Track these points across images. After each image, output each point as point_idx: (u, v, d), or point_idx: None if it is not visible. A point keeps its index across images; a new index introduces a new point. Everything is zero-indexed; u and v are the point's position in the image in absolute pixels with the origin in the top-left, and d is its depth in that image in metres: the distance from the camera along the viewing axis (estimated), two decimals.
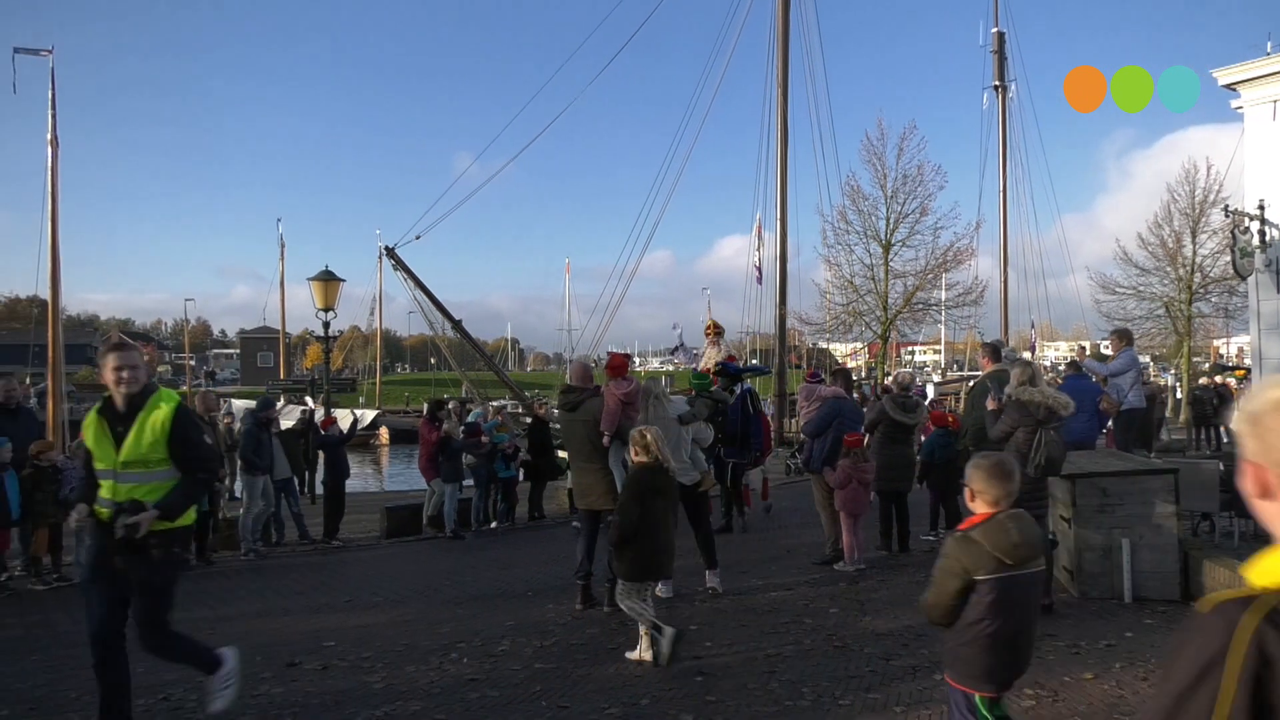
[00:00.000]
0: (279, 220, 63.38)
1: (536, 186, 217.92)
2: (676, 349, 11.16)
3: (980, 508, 3.41)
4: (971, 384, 12.46)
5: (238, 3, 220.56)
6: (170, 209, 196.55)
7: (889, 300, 27.08)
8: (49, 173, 17.65)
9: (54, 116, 17.57)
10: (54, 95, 17.55)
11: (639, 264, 21.82)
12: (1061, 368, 27.25)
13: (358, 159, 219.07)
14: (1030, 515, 3.55)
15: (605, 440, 7.15)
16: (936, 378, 56.53)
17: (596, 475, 7.18)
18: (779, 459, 23.59)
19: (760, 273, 23.58)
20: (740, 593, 7.60)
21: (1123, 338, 10.78)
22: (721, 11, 76.59)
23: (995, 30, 27.19)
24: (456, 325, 19.69)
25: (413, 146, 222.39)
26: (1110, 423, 10.14)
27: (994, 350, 9.07)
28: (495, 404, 19.42)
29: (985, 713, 3.26)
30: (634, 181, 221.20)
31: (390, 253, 18.43)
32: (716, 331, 12.36)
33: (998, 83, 27.11)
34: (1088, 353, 15.79)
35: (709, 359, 11.84)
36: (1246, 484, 1.30)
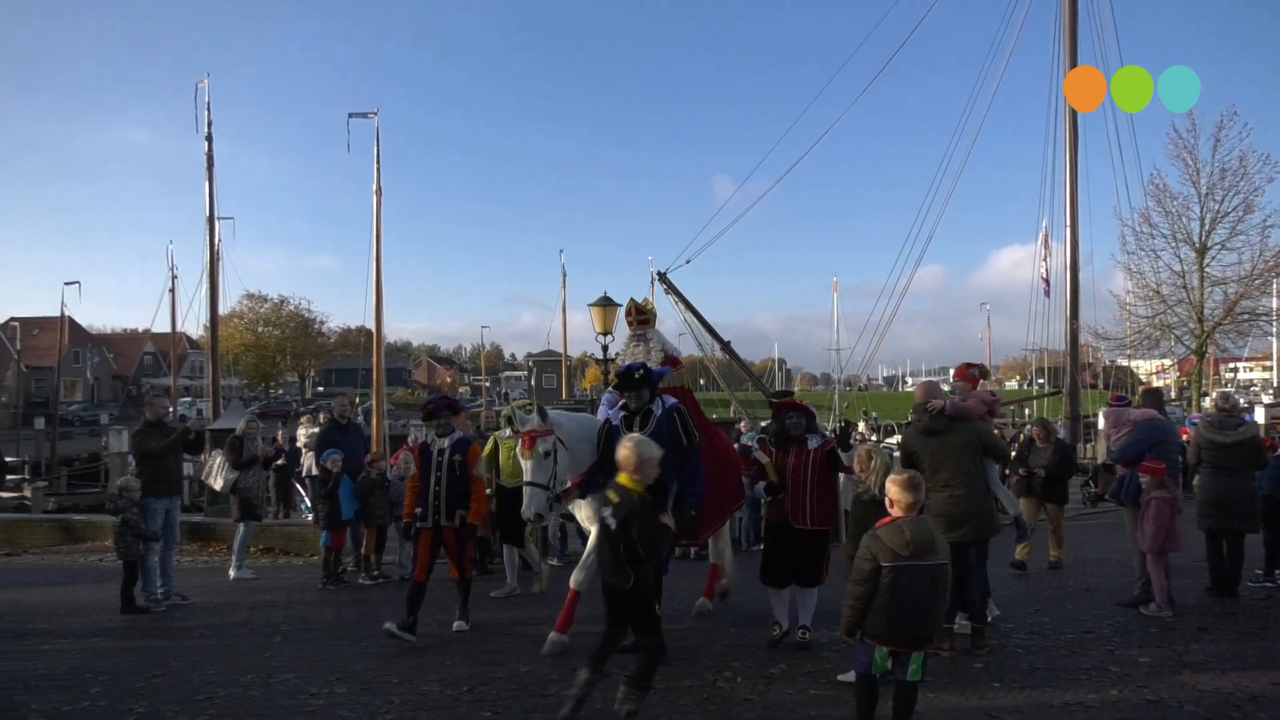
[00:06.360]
0: (561, 251, 68.52)
1: (800, 204, 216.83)
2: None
3: (896, 512, 4.43)
4: None
5: (510, 45, 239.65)
6: (465, 243, 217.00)
7: (1205, 311, 23.99)
8: (374, 219, 20.34)
9: (379, 170, 20.28)
10: (379, 151, 20.25)
11: (910, 280, 21.08)
12: None
13: (627, 185, 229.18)
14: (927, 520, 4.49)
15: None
16: (1266, 398, 49.06)
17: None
18: (1069, 487, 21.48)
19: (1048, 284, 21.94)
20: (1033, 631, 7.04)
21: None
22: (998, 9, 72.18)
23: None
24: (725, 346, 20.10)
25: (674, 171, 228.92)
26: None
27: None
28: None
29: (881, 662, 4.35)
30: (903, 195, 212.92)
31: (662, 277, 19.21)
32: (639, 318, 7.89)
33: None
34: None
35: (629, 356, 7.68)
36: None
